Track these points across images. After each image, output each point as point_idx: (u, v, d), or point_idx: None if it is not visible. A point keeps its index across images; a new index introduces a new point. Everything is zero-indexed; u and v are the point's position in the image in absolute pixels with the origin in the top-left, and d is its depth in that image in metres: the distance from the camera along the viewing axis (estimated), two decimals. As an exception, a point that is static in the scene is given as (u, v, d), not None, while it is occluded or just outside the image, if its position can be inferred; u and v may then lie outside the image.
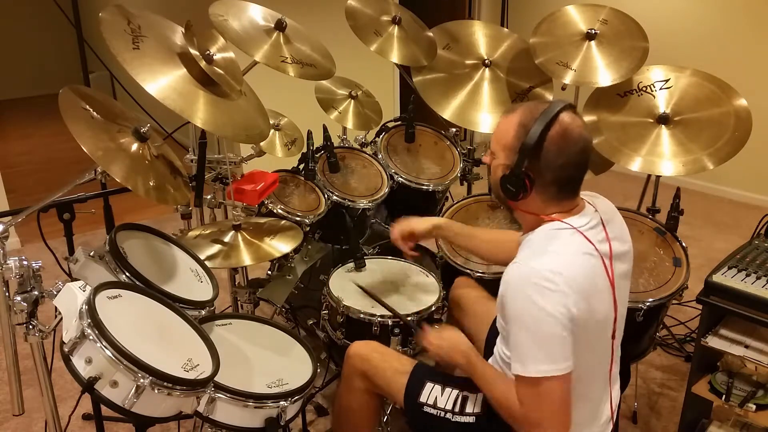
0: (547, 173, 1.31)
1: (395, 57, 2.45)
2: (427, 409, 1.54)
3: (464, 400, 1.52)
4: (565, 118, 1.30)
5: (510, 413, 1.34)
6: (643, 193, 2.61)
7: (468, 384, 1.50)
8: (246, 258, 1.86)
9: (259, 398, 1.50)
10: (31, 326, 1.38)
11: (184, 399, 1.29)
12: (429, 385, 1.56)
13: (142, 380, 1.20)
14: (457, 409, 1.51)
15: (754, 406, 1.78)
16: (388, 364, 1.63)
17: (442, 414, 1.52)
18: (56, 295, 1.37)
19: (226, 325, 1.74)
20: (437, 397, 1.54)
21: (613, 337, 1.42)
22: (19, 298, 1.36)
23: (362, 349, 1.68)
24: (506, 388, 1.34)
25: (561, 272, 1.24)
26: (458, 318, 1.93)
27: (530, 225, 1.39)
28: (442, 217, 2.37)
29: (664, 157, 2.21)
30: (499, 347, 1.48)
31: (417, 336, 1.72)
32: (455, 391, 1.54)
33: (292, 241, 1.96)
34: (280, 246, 1.92)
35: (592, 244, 1.32)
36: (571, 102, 1.36)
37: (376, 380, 1.63)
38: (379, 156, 2.56)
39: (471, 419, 1.50)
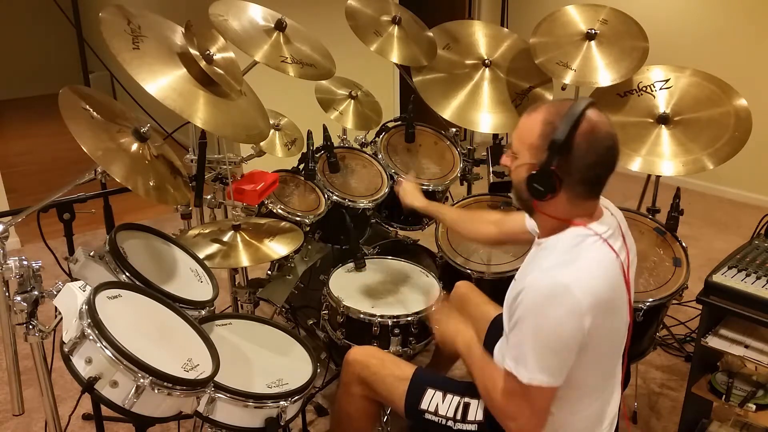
0: (576, 172, 1.26)
1: (395, 57, 2.45)
2: (428, 416, 1.52)
3: (466, 407, 1.50)
4: (592, 115, 1.26)
5: (491, 400, 1.37)
6: (643, 193, 2.61)
7: (469, 390, 1.49)
8: (244, 259, 1.85)
9: (259, 398, 1.50)
10: (31, 326, 1.38)
11: (184, 399, 1.29)
12: (430, 392, 1.54)
13: (142, 380, 1.20)
14: (459, 417, 1.50)
15: (754, 406, 1.78)
16: (388, 370, 1.61)
17: (444, 421, 1.51)
18: (56, 295, 1.37)
19: (226, 325, 1.74)
20: (438, 404, 1.52)
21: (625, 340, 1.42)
22: (19, 298, 1.36)
23: (361, 355, 1.66)
24: (495, 374, 1.36)
25: (584, 285, 1.22)
26: None
27: (551, 229, 1.35)
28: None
29: (664, 157, 2.21)
30: (499, 350, 1.48)
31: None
32: (456, 398, 1.52)
33: (291, 243, 1.95)
34: (278, 248, 1.92)
35: (615, 252, 1.30)
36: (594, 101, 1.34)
37: (375, 387, 1.61)
38: (379, 156, 2.55)
39: (473, 427, 1.48)
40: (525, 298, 1.26)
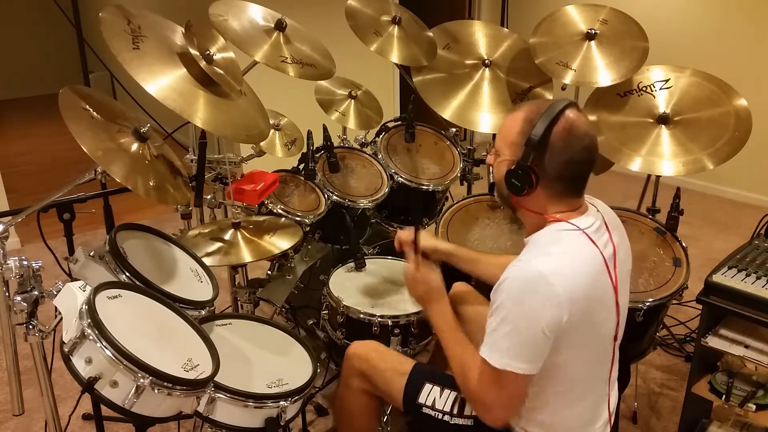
0: (552, 168, 1.30)
1: (395, 57, 2.45)
2: (425, 410, 1.54)
3: (462, 402, 1.51)
4: (570, 114, 1.30)
5: (465, 386, 1.39)
6: (643, 193, 2.61)
7: None
8: (246, 255, 1.85)
9: (259, 398, 1.50)
10: (31, 326, 1.38)
11: (184, 399, 1.29)
12: (428, 387, 1.56)
13: (142, 380, 1.20)
14: (455, 411, 1.51)
15: (754, 406, 1.78)
16: (388, 364, 1.62)
17: (440, 416, 1.52)
18: (56, 295, 1.37)
19: (226, 325, 1.73)
20: (435, 398, 1.54)
21: (615, 339, 1.42)
22: (19, 298, 1.36)
23: (361, 349, 1.67)
24: (472, 359, 1.36)
25: (562, 275, 1.24)
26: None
27: (534, 225, 1.38)
28: (442, 217, 2.37)
29: (664, 157, 2.21)
30: None
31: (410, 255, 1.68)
32: (454, 393, 1.53)
33: (291, 238, 1.95)
34: (279, 243, 1.92)
35: (597, 247, 1.31)
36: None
37: (374, 380, 1.62)
38: (379, 156, 2.56)
39: (469, 422, 1.49)
40: (504, 286, 1.28)
